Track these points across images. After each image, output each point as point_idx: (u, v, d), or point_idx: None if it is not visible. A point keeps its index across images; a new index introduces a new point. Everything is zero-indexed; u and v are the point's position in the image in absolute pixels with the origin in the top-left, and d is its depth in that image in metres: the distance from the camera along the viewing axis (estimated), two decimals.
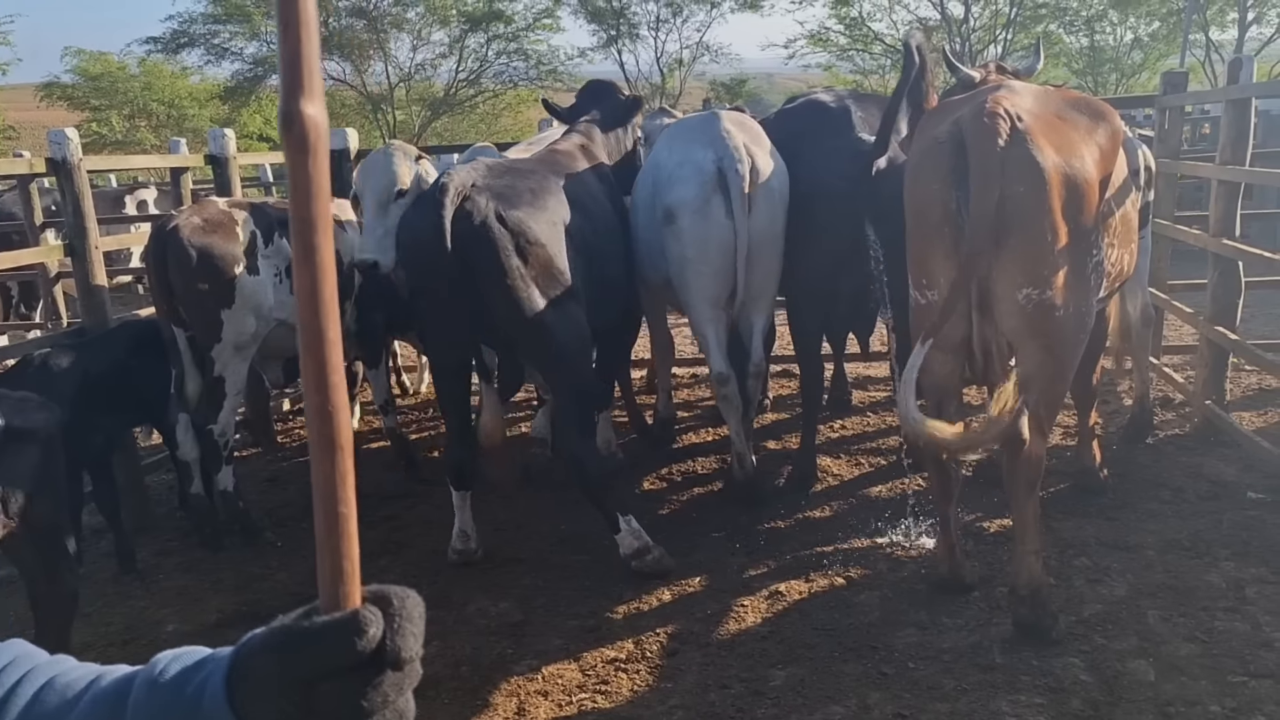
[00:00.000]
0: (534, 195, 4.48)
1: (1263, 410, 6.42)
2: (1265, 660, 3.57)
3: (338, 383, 0.76)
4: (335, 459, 0.76)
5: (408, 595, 0.82)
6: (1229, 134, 5.63)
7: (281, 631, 0.78)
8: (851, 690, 3.56)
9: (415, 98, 30.48)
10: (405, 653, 0.78)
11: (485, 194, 4.30)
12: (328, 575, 0.78)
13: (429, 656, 3.93)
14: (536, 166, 4.84)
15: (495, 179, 4.43)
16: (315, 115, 0.72)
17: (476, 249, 4.22)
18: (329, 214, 0.75)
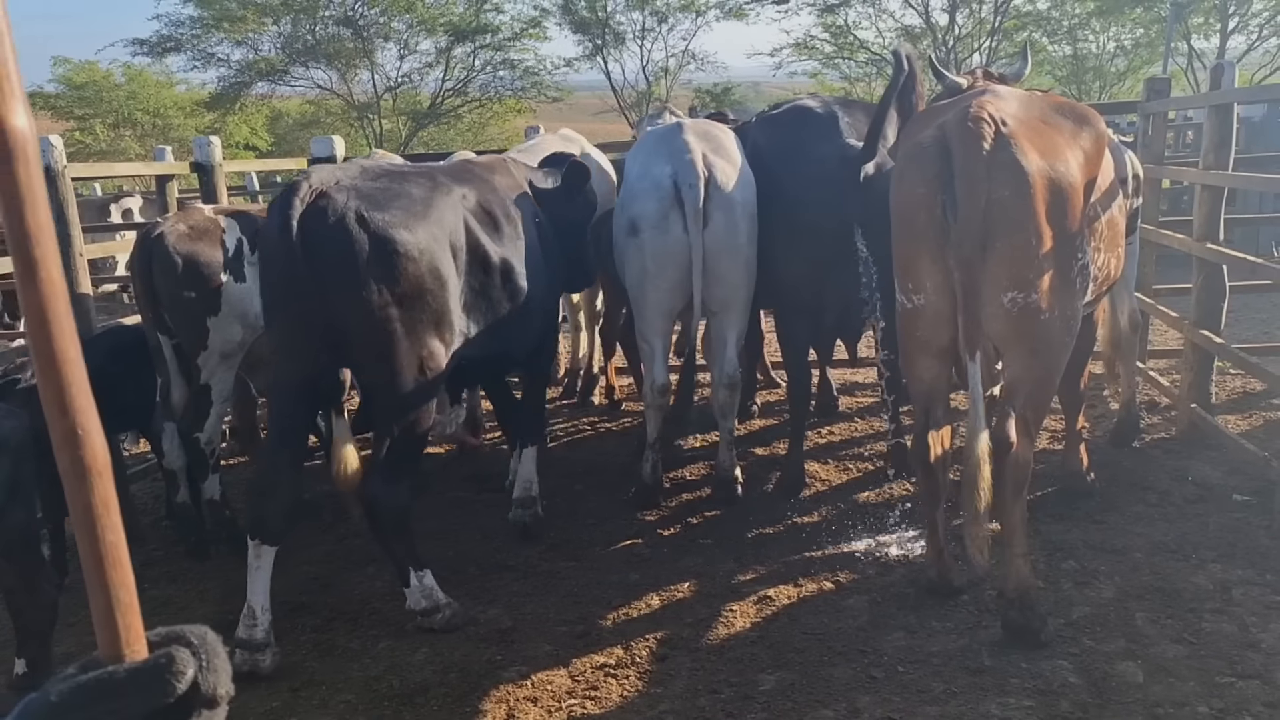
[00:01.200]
0: (413, 202, 3.98)
1: (1247, 413, 6.46)
2: (1252, 661, 3.59)
3: (84, 404, 0.71)
4: (93, 485, 0.71)
5: (205, 632, 0.76)
6: (1212, 139, 5.68)
7: (76, 689, 0.70)
8: (841, 694, 3.56)
9: (402, 107, 30.45)
10: (220, 689, 0.74)
11: (348, 194, 3.84)
12: (103, 613, 0.72)
13: (418, 662, 3.94)
14: (431, 172, 4.36)
15: (367, 180, 3.97)
16: (20, 125, 0.68)
17: (325, 253, 3.75)
18: (49, 225, 0.70)
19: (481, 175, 4.64)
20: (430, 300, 3.93)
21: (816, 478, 5.76)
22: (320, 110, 30.98)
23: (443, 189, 4.17)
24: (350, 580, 4.77)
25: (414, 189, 4.03)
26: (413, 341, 3.90)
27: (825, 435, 6.62)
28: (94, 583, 0.72)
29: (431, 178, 4.19)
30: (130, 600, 0.72)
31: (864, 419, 6.93)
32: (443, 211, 4.08)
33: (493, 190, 4.57)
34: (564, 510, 5.53)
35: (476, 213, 4.33)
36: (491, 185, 4.59)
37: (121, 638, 0.72)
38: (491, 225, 4.38)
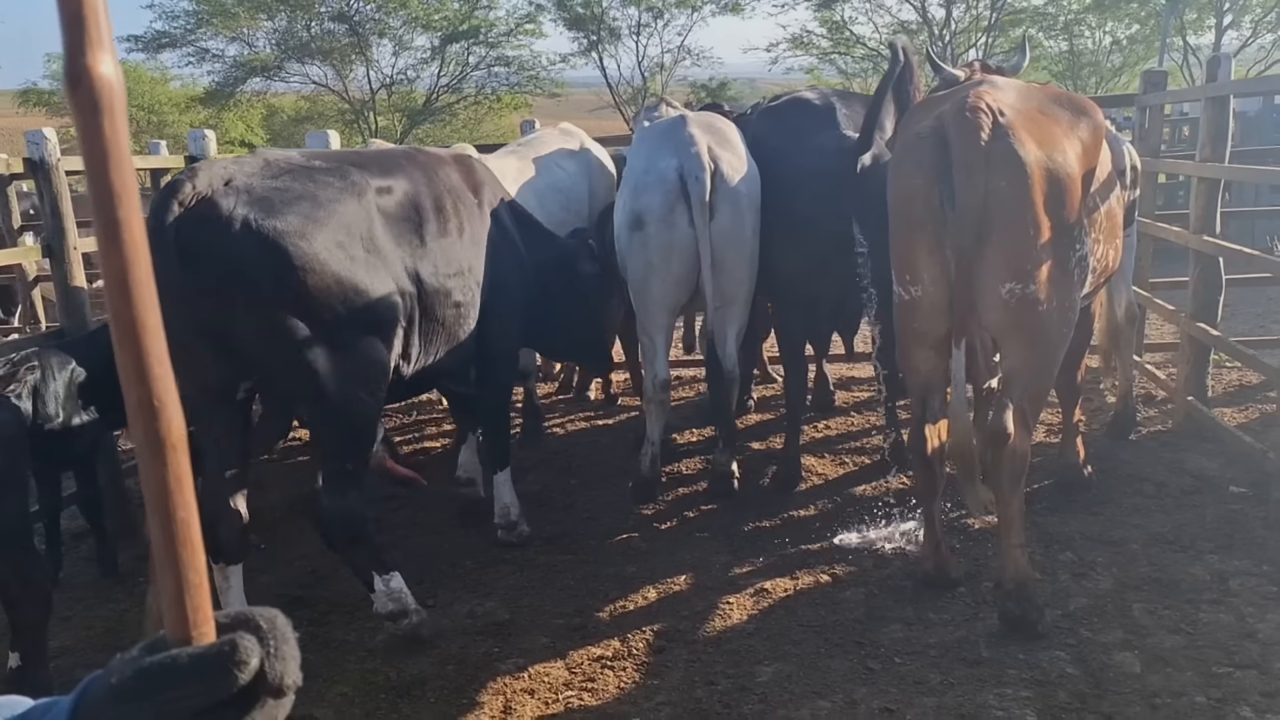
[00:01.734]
0: (315, 205, 3.56)
1: (1244, 406, 6.46)
2: (1249, 651, 3.59)
3: (162, 374, 0.68)
4: (167, 459, 0.68)
5: (276, 616, 0.73)
6: (1209, 131, 5.68)
7: (138, 674, 0.68)
8: (838, 685, 3.55)
9: (397, 104, 30.40)
10: (287, 679, 0.71)
11: (236, 197, 3.41)
12: (172, 595, 0.69)
13: (415, 655, 3.92)
14: (344, 167, 3.86)
15: (266, 178, 3.54)
16: (107, 73, 0.65)
17: (209, 269, 3.37)
18: (134, 184, 0.67)
19: (420, 168, 4.27)
20: (342, 309, 3.58)
21: (813, 472, 5.75)
22: (316, 106, 30.92)
23: (354, 188, 3.75)
24: (347, 573, 4.70)
25: (320, 189, 3.61)
26: (331, 354, 3.59)
27: (822, 430, 6.61)
28: (164, 561, 0.68)
29: (343, 174, 3.76)
30: (200, 581, 0.69)
31: (860, 413, 6.92)
32: (352, 212, 3.69)
33: (431, 185, 4.21)
34: (560, 504, 5.53)
35: (397, 210, 3.95)
36: (432, 180, 4.25)
37: (190, 619, 0.69)
38: (417, 224, 4.02)
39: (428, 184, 4.21)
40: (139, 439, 0.68)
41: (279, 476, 6.29)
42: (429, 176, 4.26)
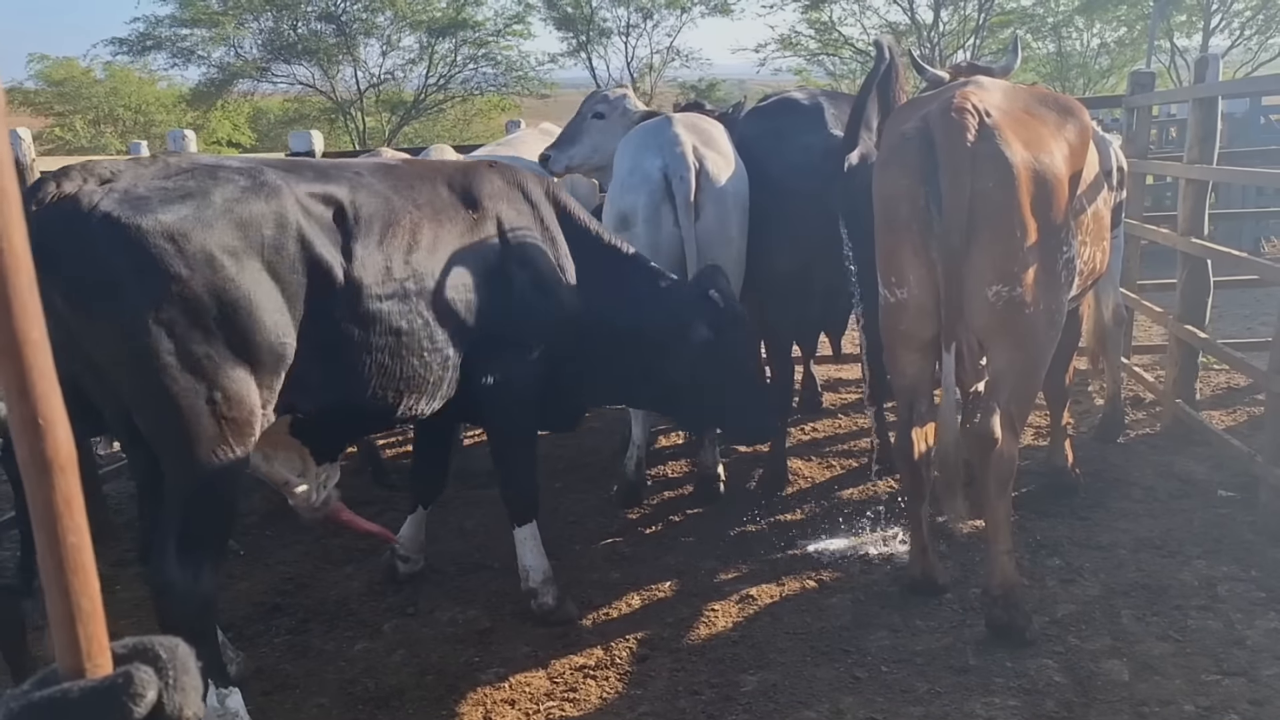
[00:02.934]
0: (203, 206, 3.04)
1: (1232, 409, 6.44)
2: (1238, 658, 3.55)
3: (47, 390, 0.63)
4: (55, 481, 0.64)
5: (177, 645, 0.68)
6: (1196, 132, 5.65)
7: (27, 709, 0.64)
8: (824, 694, 3.50)
9: (385, 103, 30.28)
10: (187, 710, 0.66)
11: (108, 194, 2.93)
12: (63, 623, 0.65)
13: (395, 664, 3.86)
14: (260, 170, 3.33)
15: (158, 177, 3.06)
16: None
17: (59, 269, 2.87)
18: (14, 191, 0.62)
19: (391, 179, 3.77)
20: (218, 329, 3.04)
21: (799, 475, 5.71)
22: (303, 107, 30.77)
23: (266, 190, 3.22)
24: (326, 581, 4.69)
25: (219, 190, 3.11)
26: (187, 382, 3.00)
27: (809, 432, 6.57)
28: (53, 588, 0.65)
29: (255, 176, 3.25)
30: (92, 608, 0.65)
31: (847, 416, 6.88)
32: (256, 218, 3.15)
33: (396, 199, 3.67)
34: (544, 508, 5.41)
35: (332, 221, 3.41)
36: (401, 193, 3.72)
37: (82, 649, 0.65)
38: (365, 238, 3.47)
39: (388, 197, 3.65)
40: (24, 459, 0.64)
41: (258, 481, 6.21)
42: (398, 189, 3.72)
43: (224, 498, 3.21)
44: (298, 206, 3.30)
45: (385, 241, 3.53)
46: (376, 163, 3.98)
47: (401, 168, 3.96)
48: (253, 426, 3.19)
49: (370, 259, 3.46)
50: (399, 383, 3.65)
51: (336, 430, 3.77)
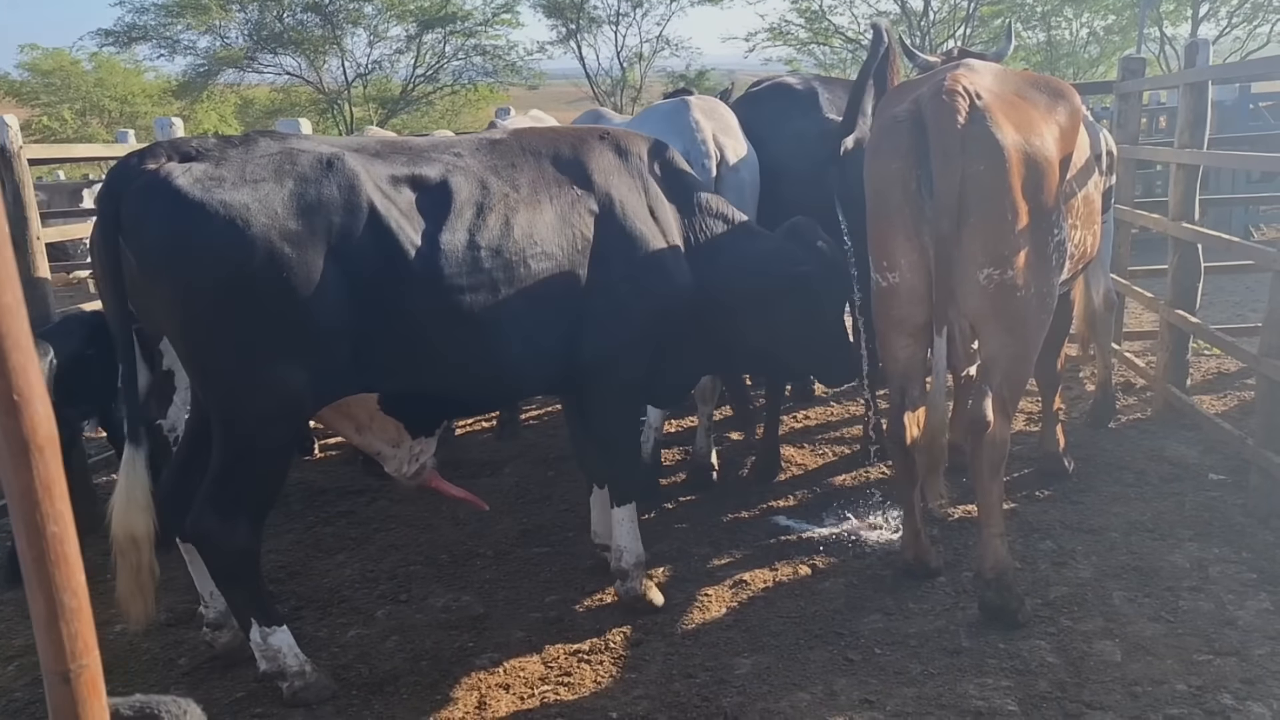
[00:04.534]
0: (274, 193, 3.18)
1: (1222, 394, 6.47)
2: (1229, 638, 3.57)
3: (23, 363, 0.58)
4: (33, 462, 0.59)
5: (185, 710, 0.63)
6: (1186, 117, 5.66)
7: None
8: (818, 676, 3.51)
9: (373, 94, 30.16)
10: None
11: (189, 173, 3.12)
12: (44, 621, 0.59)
13: (388, 651, 3.85)
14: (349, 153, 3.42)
15: (241, 160, 3.21)
16: None
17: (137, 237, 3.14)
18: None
19: (483, 155, 3.76)
20: (273, 310, 3.17)
21: (792, 461, 5.71)
22: (290, 98, 30.63)
23: (340, 176, 3.30)
24: (319, 568, 4.68)
25: (292, 175, 3.23)
26: (236, 358, 3.21)
27: (801, 420, 6.58)
28: (33, 582, 0.59)
29: (333, 161, 3.33)
30: (79, 605, 0.60)
31: (840, 403, 6.89)
32: (326, 203, 3.24)
33: (492, 174, 3.67)
34: (538, 495, 5.46)
35: (414, 205, 3.46)
36: (495, 167, 3.71)
37: (67, 649, 0.60)
38: (453, 222, 3.49)
39: (484, 179, 3.64)
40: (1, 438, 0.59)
41: None
42: (497, 169, 3.71)
43: (265, 466, 3.38)
44: (375, 191, 3.37)
45: (475, 226, 3.55)
46: (480, 139, 3.92)
47: (507, 143, 3.89)
48: (301, 404, 3.35)
49: (455, 244, 3.48)
50: (486, 369, 3.69)
51: (427, 410, 3.81)
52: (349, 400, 3.58)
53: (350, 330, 3.31)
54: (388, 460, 3.88)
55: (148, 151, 3.24)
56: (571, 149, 3.98)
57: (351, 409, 3.67)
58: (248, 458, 3.33)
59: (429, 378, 3.57)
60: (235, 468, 3.32)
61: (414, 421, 3.81)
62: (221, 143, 3.30)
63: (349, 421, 3.77)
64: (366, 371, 3.44)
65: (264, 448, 3.35)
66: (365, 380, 3.48)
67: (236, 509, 3.33)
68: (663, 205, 4.09)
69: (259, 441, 3.33)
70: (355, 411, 3.70)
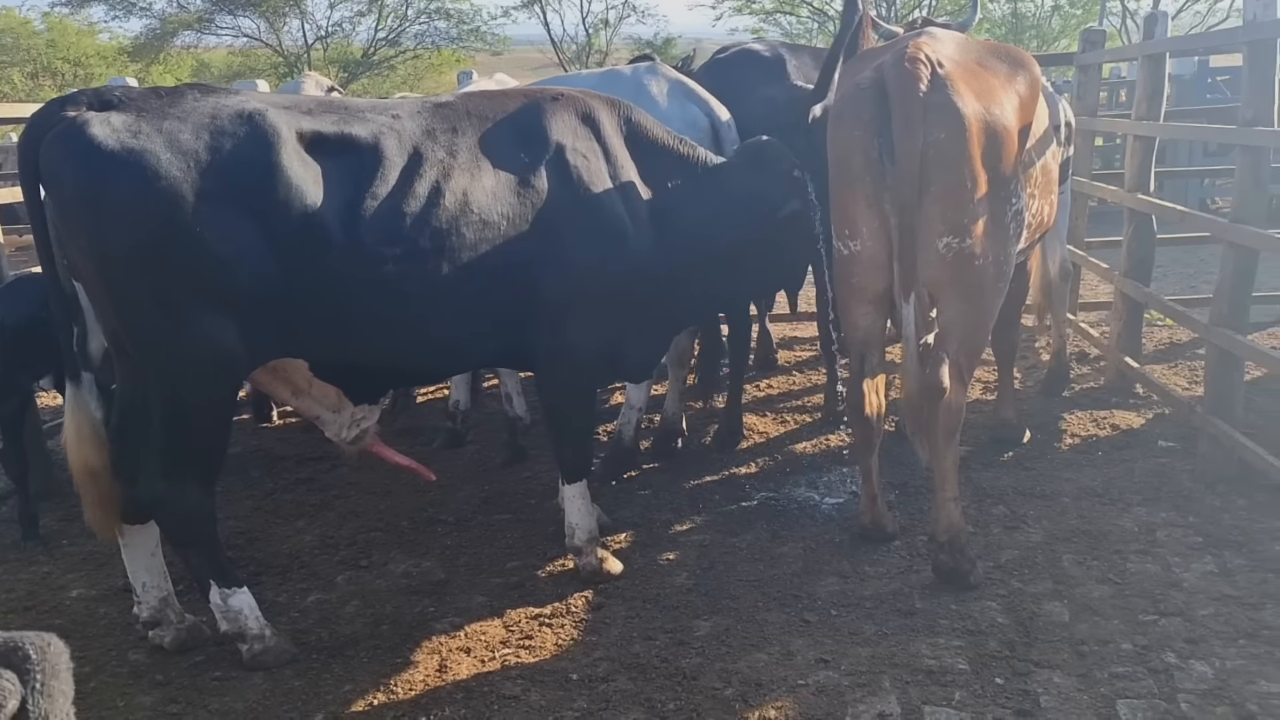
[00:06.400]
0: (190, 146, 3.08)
1: (1174, 363, 6.61)
2: (1174, 599, 3.67)
3: None
4: None
5: (49, 644, 0.63)
6: (1144, 89, 5.72)
7: None
8: (775, 638, 3.57)
9: (333, 57, 29.64)
10: (54, 716, 0.60)
11: (106, 123, 3.03)
12: None
13: (348, 615, 3.86)
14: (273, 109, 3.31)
15: (161, 111, 3.10)
16: None
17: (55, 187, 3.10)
18: None
19: (424, 118, 3.63)
20: (186, 267, 3.09)
21: (754, 429, 5.75)
22: (248, 60, 30.05)
23: (262, 131, 3.18)
24: (278, 534, 4.66)
25: (211, 128, 3.13)
26: (153, 315, 3.12)
27: (764, 389, 6.63)
28: None
29: (255, 117, 3.20)
30: None
31: (802, 372, 6.95)
32: (244, 160, 3.14)
33: (429, 138, 3.54)
34: (499, 463, 5.46)
35: (342, 166, 3.33)
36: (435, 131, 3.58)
37: None
38: (382, 186, 3.37)
39: (422, 143, 3.51)
40: None
41: None
42: (437, 133, 3.58)
43: (202, 427, 3.32)
44: (299, 150, 3.26)
45: (405, 192, 3.41)
46: (425, 102, 3.80)
47: (452, 106, 3.76)
48: (228, 364, 3.27)
49: (382, 210, 3.36)
50: (421, 340, 3.62)
51: (365, 378, 3.73)
52: (285, 364, 3.53)
53: (270, 292, 3.22)
54: (327, 425, 3.83)
55: (69, 98, 3.17)
56: (523, 113, 3.83)
57: (288, 373, 3.62)
58: (183, 419, 3.27)
59: (361, 347, 3.50)
60: (173, 430, 3.27)
61: (353, 389, 3.74)
62: (146, 93, 3.22)
63: (285, 385, 3.71)
64: (292, 337, 3.38)
65: (197, 408, 3.29)
66: (291, 346, 3.42)
67: (183, 472, 3.30)
68: (626, 168, 3.95)
69: (191, 402, 3.27)
70: (292, 375, 3.64)
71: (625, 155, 3.97)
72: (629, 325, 4.03)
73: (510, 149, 3.72)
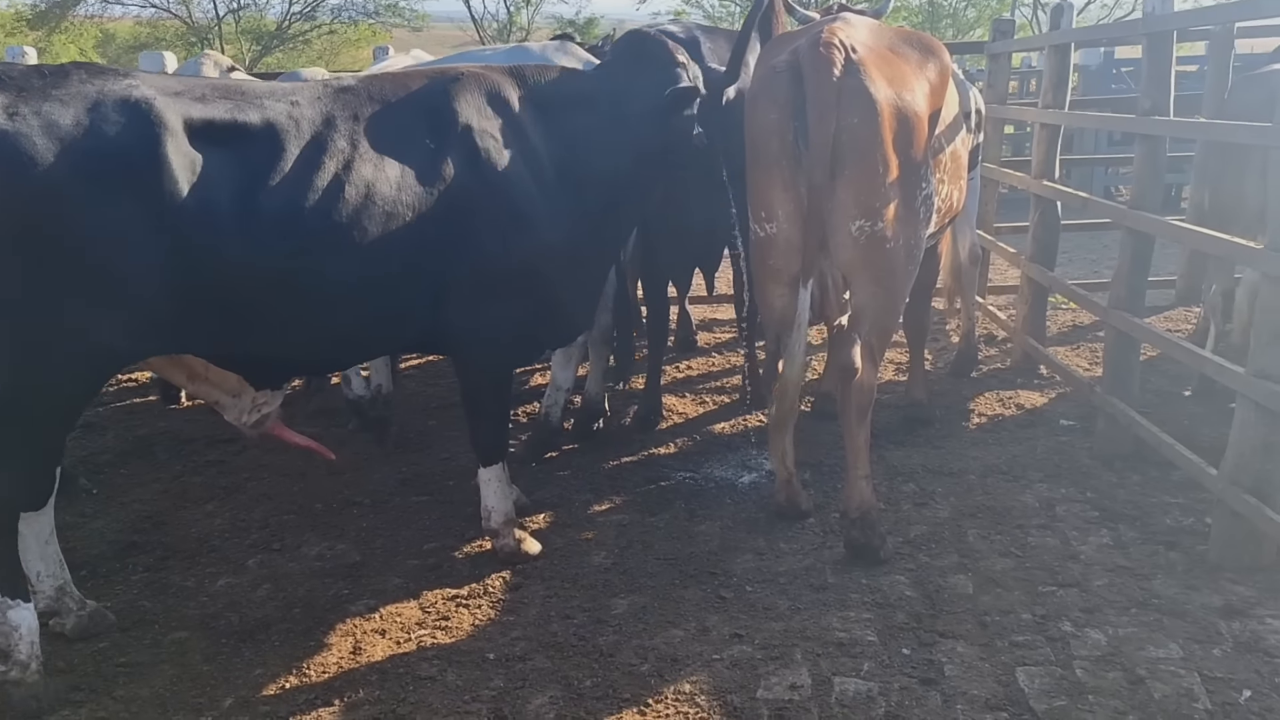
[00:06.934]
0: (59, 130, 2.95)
1: (1076, 345, 6.85)
2: (1072, 571, 3.82)
3: None
4: None
5: None
6: (1050, 79, 5.90)
7: None
8: (691, 614, 3.62)
9: (246, 29, 28.79)
10: None
11: None
12: None
13: (259, 599, 3.80)
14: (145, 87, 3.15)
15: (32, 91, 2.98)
16: None
17: None
18: None
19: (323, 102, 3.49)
20: (51, 258, 2.95)
21: (673, 410, 5.80)
22: (156, 31, 29.00)
23: (140, 116, 3.05)
24: (187, 518, 4.55)
25: (81, 112, 3.00)
26: (20, 296, 2.96)
27: (684, 370, 6.68)
28: None
29: (135, 101, 3.07)
30: None
31: (721, 354, 7.02)
32: (119, 146, 3.01)
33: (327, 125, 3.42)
34: (416, 445, 5.42)
35: (227, 154, 3.19)
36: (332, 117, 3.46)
37: None
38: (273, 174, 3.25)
39: (319, 129, 3.39)
40: None
41: (113, 418, 5.96)
42: (335, 119, 3.45)
43: (39, 419, 3.10)
44: (186, 139, 3.12)
45: (303, 183, 3.29)
46: (325, 86, 3.62)
47: (354, 91, 3.61)
48: (88, 360, 3.11)
49: (278, 203, 3.24)
50: (321, 333, 3.51)
51: (265, 369, 3.59)
52: None
53: (150, 286, 3.08)
54: (227, 409, 3.70)
55: None
56: (427, 95, 3.71)
57: (184, 358, 3.48)
58: (23, 407, 3.05)
59: (259, 342, 3.39)
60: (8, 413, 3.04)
61: (254, 377, 3.63)
62: (29, 72, 3.05)
63: (181, 370, 3.57)
64: (179, 332, 3.24)
65: (46, 399, 3.09)
66: (178, 341, 3.29)
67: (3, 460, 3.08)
68: (535, 138, 3.83)
69: (44, 391, 3.07)
70: (188, 361, 3.50)
71: (533, 125, 3.84)
72: (551, 293, 3.95)
73: (415, 134, 3.61)
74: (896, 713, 3.04)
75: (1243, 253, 3.95)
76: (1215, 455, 3.95)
